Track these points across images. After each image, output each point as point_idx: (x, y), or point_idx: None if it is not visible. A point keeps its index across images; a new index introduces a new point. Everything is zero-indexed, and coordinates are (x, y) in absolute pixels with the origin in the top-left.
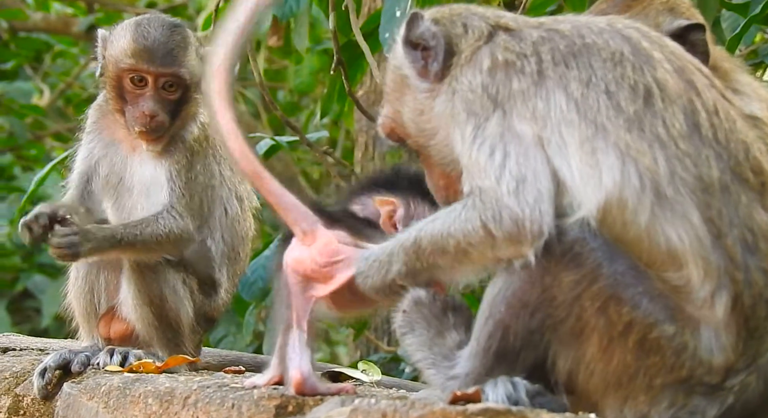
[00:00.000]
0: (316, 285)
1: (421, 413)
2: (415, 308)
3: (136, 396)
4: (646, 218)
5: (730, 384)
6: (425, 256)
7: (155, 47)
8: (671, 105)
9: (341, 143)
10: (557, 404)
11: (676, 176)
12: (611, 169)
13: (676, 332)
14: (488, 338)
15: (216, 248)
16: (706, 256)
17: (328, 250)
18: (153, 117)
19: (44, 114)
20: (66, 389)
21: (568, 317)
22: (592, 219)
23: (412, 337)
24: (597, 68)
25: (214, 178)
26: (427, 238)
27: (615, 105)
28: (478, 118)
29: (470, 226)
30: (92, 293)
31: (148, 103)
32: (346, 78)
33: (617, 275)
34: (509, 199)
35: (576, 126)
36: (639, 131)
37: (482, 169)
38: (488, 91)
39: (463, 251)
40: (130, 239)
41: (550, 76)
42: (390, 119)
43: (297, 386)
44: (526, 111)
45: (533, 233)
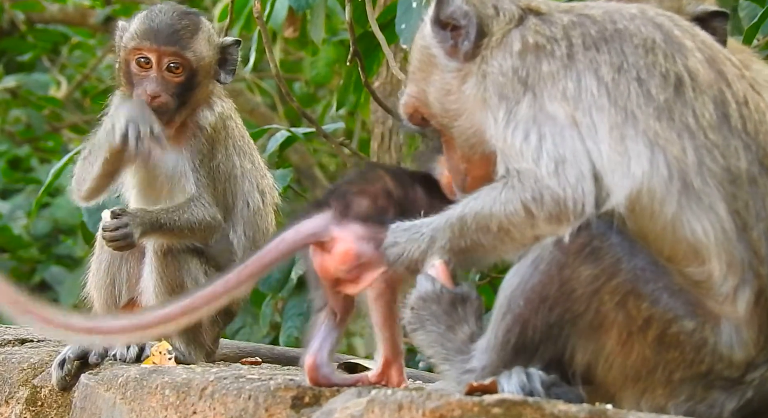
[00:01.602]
0: (346, 285)
1: (437, 404)
2: (423, 305)
3: (153, 387)
4: (673, 209)
5: (750, 378)
6: (470, 233)
7: (160, 28)
8: (702, 95)
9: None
10: (574, 394)
11: (704, 167)
12: (640, 158)
13: (696, 328)
14: (506, 332)
15: (238, 241)
16: (731, 250)
17: (348, 257)
18: (155, 97)
19: (62, 106)
20: (83, 381)
21: (587, 310)
22: (621, 207)
23: (423, 334)
24: (629, 54)
25: (236, 168)
26: (472, 216)
27: (645, 92)
28: (510, 102)
29: (512, 207)
30: (113, 285)
31: (151, 84)
32: (362, 69)
33: (637, 270)
34: (550, 180)
35: (606, 111)
36: (669, 120)
37: (518, 151)
38: (519, 74)
39: (505, 230)
40: (170, 224)
41: (580, 60)
42: (414, 99)
43: (309, 372)
44: (556, 92)
45: (576, 213)
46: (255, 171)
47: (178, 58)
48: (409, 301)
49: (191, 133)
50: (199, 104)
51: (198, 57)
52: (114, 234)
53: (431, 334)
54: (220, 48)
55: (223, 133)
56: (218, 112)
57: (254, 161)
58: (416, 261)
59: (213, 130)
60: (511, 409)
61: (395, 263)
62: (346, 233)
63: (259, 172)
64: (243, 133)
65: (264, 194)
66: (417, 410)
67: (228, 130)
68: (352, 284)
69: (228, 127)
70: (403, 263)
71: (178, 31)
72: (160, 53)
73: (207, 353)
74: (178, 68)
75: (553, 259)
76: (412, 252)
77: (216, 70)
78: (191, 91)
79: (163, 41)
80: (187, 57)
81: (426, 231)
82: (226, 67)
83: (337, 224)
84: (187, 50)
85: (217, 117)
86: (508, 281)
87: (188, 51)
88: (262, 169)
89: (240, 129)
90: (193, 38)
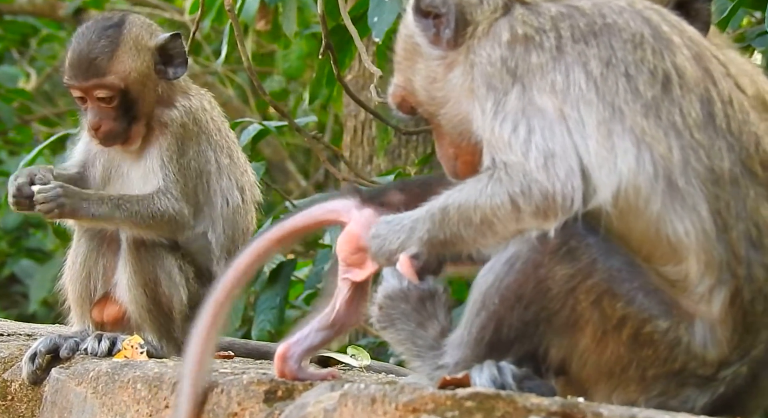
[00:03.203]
0: (353, 270)
1: (410, 398)
2: (392, 304)
3: (125, 381)
4: (657, 207)
5: (723, 375)
6: (451, 225)
7: (79, 62)
8: (689, 93)
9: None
10: (546, 387)
11: (689, 167)
12: (626, 155)
13: (670, 327)
14: (481, 328)
15: (216, 240)
16: (710, 250)
17: (351, 238)
18: (97, 129)
19: (31, 98)
20: (54, 375)
21: (563, 309)
22: (607, 205)
23: (393, 332)
24: (617, 49)
25: (210, 164)
26: (455, 208)
27: (633, 89)
28: (498, 93)
29: (498, 200)
30: (89, 279)
31: (90, 116)
32: (334, 62)
33: (613, 270)
34: (539, 174)
35: (594, 106)
36: (656, 118)
37: (506, 144)
38: (507, 64)
39: (489, 223)
40: (124, 209)
41: (569, 53)
42: (401, 88)
43: (277, 360)
44: (545, 84)
45: (564, 208)
46: (234, 167)
47: (102, 89)
48: (377, 299)
49: (159, 132)
50: (153, 107)
51: (123, 75)
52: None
53: (402, 332)
54: (155, 49)
55: (194, 129)
56: (185, 107)
57: (233, 156)
58: (394, 252)
59: (180, 127)
60: (484, 402)
61: (377, 254)
62: (359, 216)
63: (238, 169)
64: (220, 126)
65: (244, 191)
66: (390, 404)
67: (200, 124)
68: (358, 270)
69: (200, 122)
70: (383, 255)
71: (93, 60)
72: (84, 89)
73: (179, 348)
74: (106, 97)
75: (530, 258)
76: (390, 243)
77: (160, 70)
78: (133, 106)
79: (82, 77)
80: (111, 82)
81: (407, 222)
82: (173, 62)
83: (358, 207)
84: (107, 76)
85: (183, 112)
86: (482, 277)
87: (109, 76)
88: (242, 165)
89: (216, 123)
90: (112, 59)
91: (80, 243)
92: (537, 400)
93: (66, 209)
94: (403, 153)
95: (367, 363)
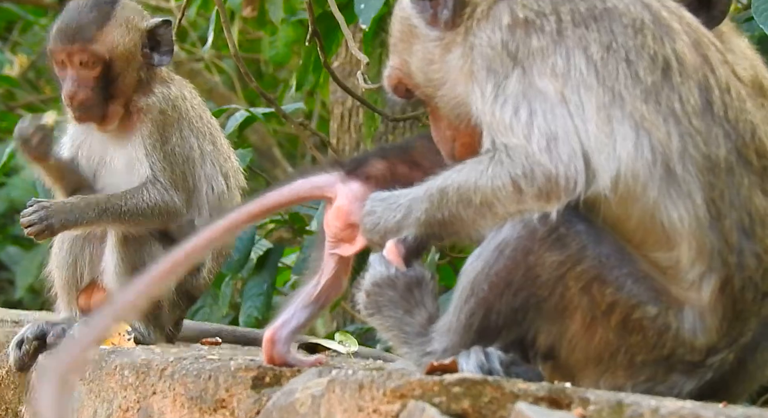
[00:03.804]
0: (342, 245)
1: (398, 384)
2: (379, 291)
3: (112, 368)
4: (654, 194)
5: (711, 362)
6: (449, 206)
7: (67, 26)
8: (688, 80)
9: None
10: (533, 373)
11: (686, 153)
12: (625, 140)
13: (659, 313)
14: (470, 315)
15: (203, 226)
16: (702, 237)
17: (339, 213)
18: (72, 97)
19: (17, 85)
20: (41, 361)
21: (552, 296)
22: (606, 189)
23: (380, 319)
24: (618, 34)
25: (194, 151)
26: (454, 188)
27: (633, 74)
28: (498, 76)
29: (499, 182)
30: (75, 266)
31: (67, 84)
32: (321, 49)
33: (602, 256)
34: (541, 157)
35: (594, 90)
36: (655, 104)
37: (507, 126)
38: (508, 48)
39: (489, 204)
40: (114, 210)
41: (569, 37)
42: (397, 70)
43: (264, 345)
44: (546, 68)
45: (567, 191)
46: (217, 153)
47: (86, 55)
48: (364, 286)
49: (138, 119)
50: (133, 91)
51: (110, 47)
52: (30, 219)
53: (389, 319)
54: (145, 31)
55: (174, 115)
56: (164, 94)
57: (216, 143)
58: (390, 231)
59: (160, 114)
60: (471, 388)
61: (371, 232)
62: (346, 190)
63: (222, 155)
64: (202, 114)
65: (228, 177)
66: (378, 390)
67: (180, 111)
68: (347, 245)
69: (180, 109)
70: (378, 233)
71: (82, 26)
72: (68, 52)
73: (167, 335)
74: (88, 63)
75: (519, 245)
76: (387, 221)
77: (146, 54)
78: (113, 82)
79: (69, 40)
80: (95, 50)
81: (403, 201)
82: (160, 49)
83: (343, 181)
84: (94, 43)
85: (160, 99)
86: (471, 264)
87: (96, 44)
88: (225, 151)
89: (198, 110)
90: (102, 29)
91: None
92: (524, 385)
93: (55, 226)
94: (390, 139)
95: (355, 349)
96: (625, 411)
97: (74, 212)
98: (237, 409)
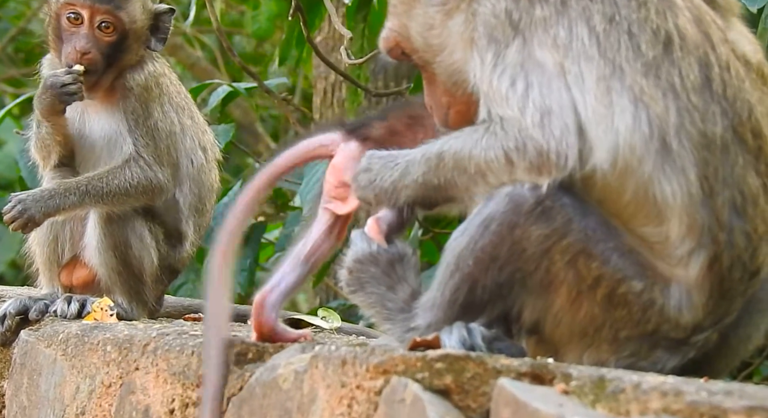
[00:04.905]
0: (336, 202)
1: (381, 360)
2: (361, 267)
3: (95, 344)
4: (649, 168)
5: (695, 340)
6: (445, 171)
7: None
8: (688, 55)
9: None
10: (515, 349)
11: (683, 129)
12: (624, 113)
13: (644, 288)
14: (455, 290)
15: (184, 200)
16: (693, 214)
17: (334, 170)
18: (84, 54)
19: None
20: (23, 337)
21: (537, 269)
22: (604, 162)
23: (363, 295)
24: (621, 6)
25: (175, 125)
26: (450, 155)
27: (635, 47)
28: (499, 45)
29: (492, 153)
30: (56, 242)
31: (81, 41)
32: (304, 24)
33: (588, 230)
34: (534, 131)
35: (595, 62)
36: (655, 78)
37: (503, 97)
38: (511, 17)
39: (482, 173)
40: (96, 192)
41: (573, 7)
42: (396, 33)
43: (254, 310)
44: (547, 38)
45: (558, 166)
46: (195, 127)
47: (110, 17)
48: (346, 263)
49: (121, 95)
50: (127, 67)
51: (131, 19)
52: (10, 216)
53: (371, 295)
54: (153, 14)
55: (156, 91)
56: (148, 71)
57: (193, 117)
58: (386, 191)
59: (144, 89)
60: (453, 364)
61: (365, 189)
62: (344, 148)
63: (199, 128)
64: (179, 89)
65: (206, 151)
66: (361, 366)
67: (162, 87)
68: (341, 203)
69: (162, 85)
70: (373, 190)
71: None
72: (93, 10)
73: (150, 310)
74: (109, 27)
75: (505, 219)
76: (383, 180)
77: (147, 36)
78: (121, 53)
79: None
80: (120, 17)
81: (401, 161)
82: (158, 34)
83: (344, 140)
84: (121, 10)
85: (147, 76)
86: (456, 239)
87: (122, 11)
88: (202, 124)
89: (176, 86)
90: (130, 1)
91: None
92: (507, 361)
93: (37, 217)
94: None
95: (338, 325)
96: (607, 386)
97: (54, 199)
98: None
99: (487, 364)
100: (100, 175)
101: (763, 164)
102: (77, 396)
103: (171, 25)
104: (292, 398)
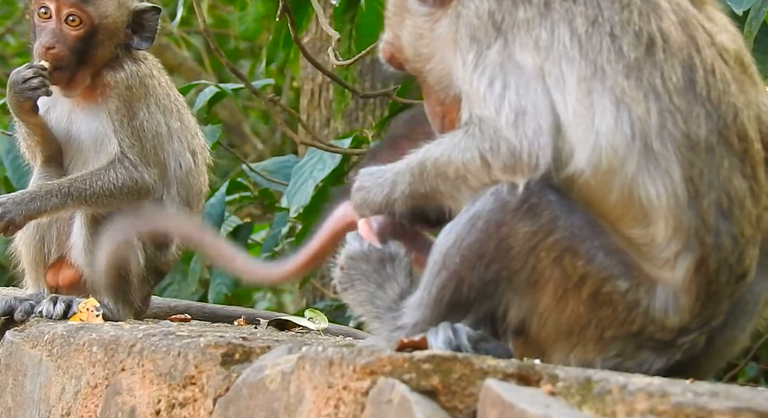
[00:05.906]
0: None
1: (368, 361)
2: (353, 264)
3: (81, 344)
4: (632, 169)
5: (681, 342)
6: (429, 179)
7: None
8: (672, 57)
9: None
10: (502, 349)
11: (665, 130)
12: (605, 114)
13: (629, 288)
14: (441, 288)
15: (171, 203)
16: (679, 216)
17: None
18: (49, 49)
19: None
20: (9, 337)
21: (524, 267)
22: (584, 163)
23: (353, 293)
24: (604, 8)
25: (161, 127)
26: (431, 162)
27: (617, 49)
28: (481, 45)
29: (469, 154)
30: (43, 242)
31: (47, 35)
32: (291, 25)
33: (574, 227)
34: (508, 131)
35: (576, 63)
36: (637, 79)
37: (482, 98)
38: (494, 18)
39: (462, 177)
40: (79, 193)
41: (556, 9)
42: (390, 44)
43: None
44: (529, 40)
45: (530, 166)
46: (185, 130)
47: (77, 10)
48: (339, 260)
49: (102, 93)
50: (104, 65)
51: (101, 14)
52: None
53: (361, 293)
54: (133, 12)
55: (140, 91)
56: (130, 70)
57: (183, 120)
58: (379, 205)
59: (127, 89)
60: (441, 365)
61: (361, 207)
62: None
63: (189, 132)
64: (169, 91)
65: (195, 154)
66: (348, 367)
67: (148, 87)
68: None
69: (148, 86)
70: (368, 208)
71: None
72: (59, 4)
73: (136, 311)
74: (75, 20)
75: (491, 217)
76: (375, 196)
77: (127, 34)
78: (91, 49)
79: None
80: (87, 11)
81: (389, 176)
82: (143, 33)
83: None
84: (88, 5)
85: (128, 75)
86: (443, 238)
87: (89, 6)
88: (193, 128)
89: (165, 87)
90: None
91: None
92: (494, 362)
93: (17, 220)
94: (361, 116)
95: (325, 326)
96: (594, 388)
97: (35, 202)
98: (206, 385)
99: (474, 365)
100: (83, 176)
101: (749, 167)
102: (63, 397)
103: (157, 24)
104: (279, 399)
